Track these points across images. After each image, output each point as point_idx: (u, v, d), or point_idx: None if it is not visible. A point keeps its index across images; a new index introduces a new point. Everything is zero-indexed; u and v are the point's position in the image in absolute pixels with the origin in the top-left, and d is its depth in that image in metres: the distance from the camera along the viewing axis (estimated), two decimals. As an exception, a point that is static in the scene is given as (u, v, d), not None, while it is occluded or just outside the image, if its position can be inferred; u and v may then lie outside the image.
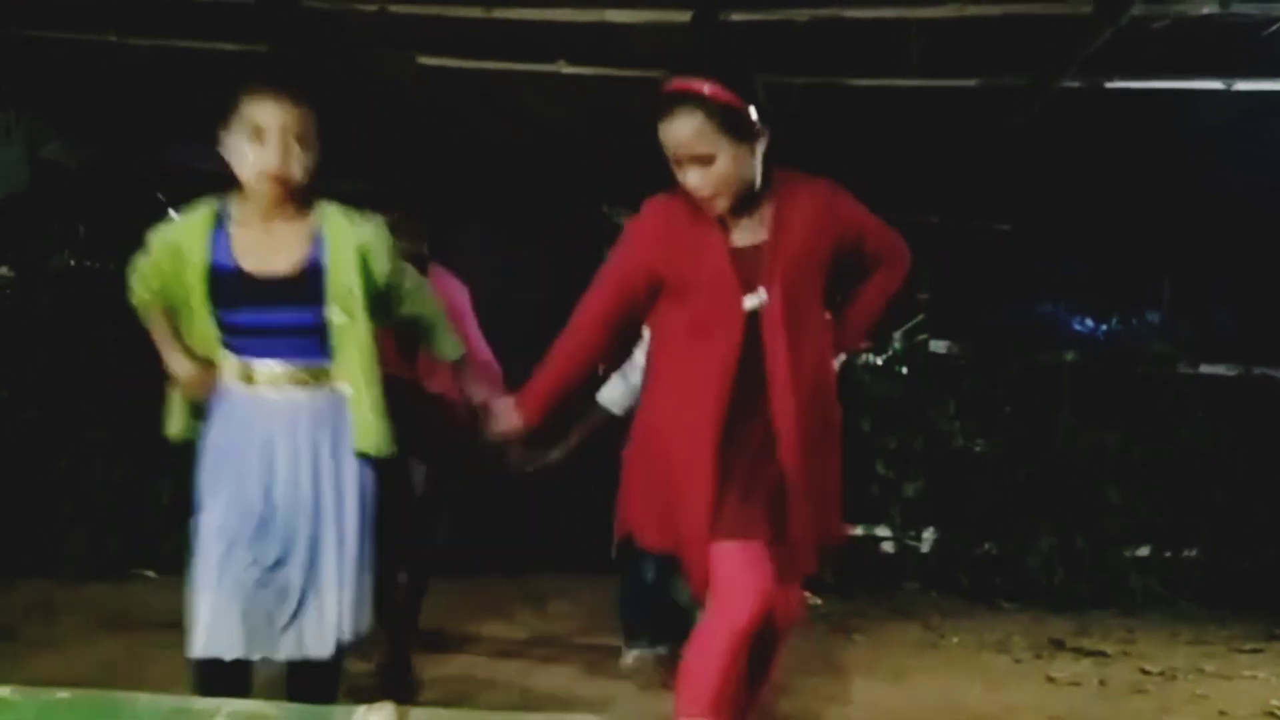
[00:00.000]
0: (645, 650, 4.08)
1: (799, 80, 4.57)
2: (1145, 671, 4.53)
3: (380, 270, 2.55)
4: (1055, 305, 7.26)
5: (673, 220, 2.47)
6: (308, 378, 2.51)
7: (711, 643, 2.39)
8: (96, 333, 5.36)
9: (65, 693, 1.61)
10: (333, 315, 2.48)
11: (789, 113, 3.83)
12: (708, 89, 2.32)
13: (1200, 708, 4.05)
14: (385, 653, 3.74)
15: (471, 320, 3.98)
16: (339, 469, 2.52)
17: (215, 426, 2.54)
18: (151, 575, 5.19)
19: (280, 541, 2.45)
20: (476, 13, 4.23)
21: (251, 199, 2.49)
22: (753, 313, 2.42)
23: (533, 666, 4.23)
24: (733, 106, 2.34)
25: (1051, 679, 4.41)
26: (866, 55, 4.52)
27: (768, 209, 2.45)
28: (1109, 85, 4.55)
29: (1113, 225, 6.35)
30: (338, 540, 2.49)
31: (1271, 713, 3.99)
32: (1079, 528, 6.07)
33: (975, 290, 6.69)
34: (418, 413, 3.34)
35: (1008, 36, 4.23)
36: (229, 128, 2.46)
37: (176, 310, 2.54)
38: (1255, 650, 4.98)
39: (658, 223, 2.49)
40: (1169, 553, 6.15)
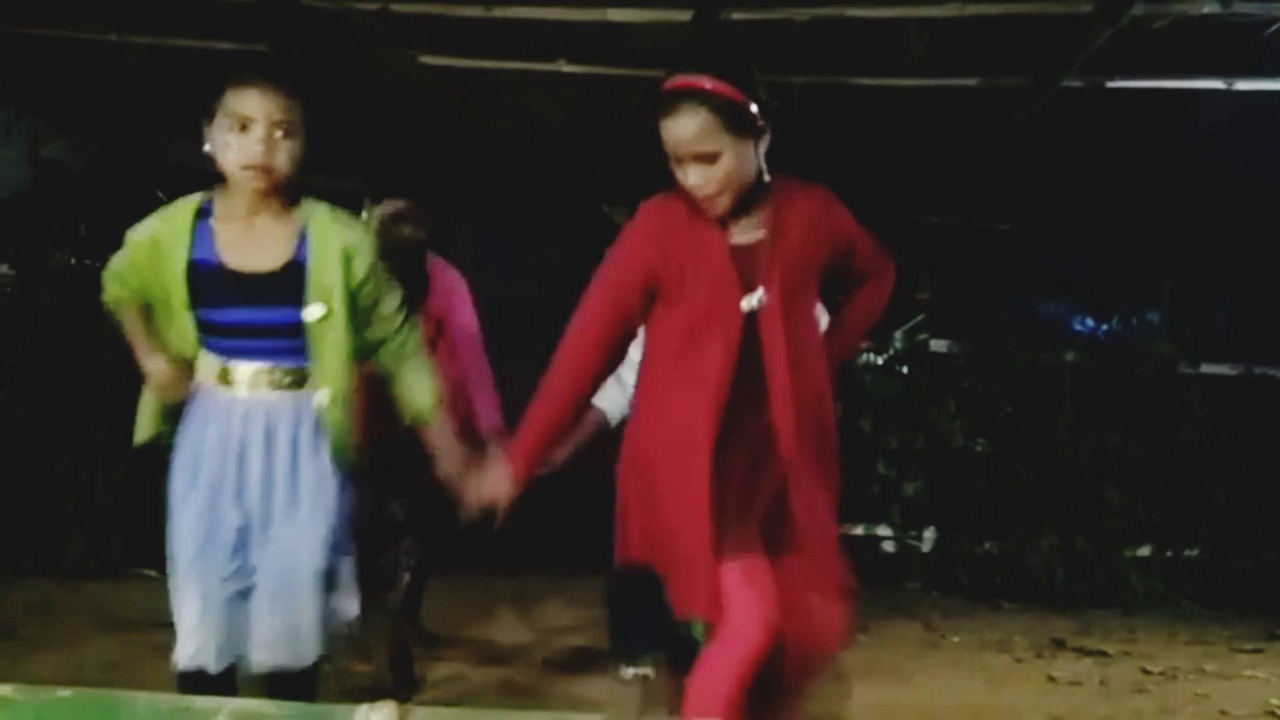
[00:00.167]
0: (642, 666, 4.05)
1: (800, 79, 4.57)
2: (1146, 671, 4.53)
3: (363, 275, 2.45)
4: (1056, 305, 7.26)
5: (670, 221, 2.42)
6: (286, 381, 2.43)
7: (717, 668, 2.34)
8: (97, 331, 5.33)
9: (65, 692, 1.61)
10: (312, 313, 2.40)
11: (790, 112, 3.83)
12: (710, 84, 2.29)
13: (1201, 707, 4.04)
14: (386, 652, 3.74)
15: (471, 313, 3.94)
16: (317, 474, 2.45)
17: (190, 429, 2.46)
18: (151, 575, 5.16)
19: (255, 548, 2.40)
20: (477, 11, 4.23)
21: (236, 193, 2.41)
22: (751, 313, 2.38)
23: (534, 666, 4.22)
24: (735, 102, 2.30)
25: (1052, 678, 4.40)
26: (867, 54, 4.52)
27: (765, 210, 2.41)
28: (1110, 85, 4.56)
29: (1113, 225, 6.35)
30: (312, 547, 2.41)
31: (1272, 712, 3.99)
32: (1080, 527, 6.07)
33: (975, 290, 6.70)
34: (408, 481, 3.25)
35: (1009, 36, 4.23)
36: (213, 120, 2.37)
37: (155, 308, 2.48)
38: (1256, 650, 4.98)
39: (655, 224, 2.43)
40: (1170, 552, 6.15)
